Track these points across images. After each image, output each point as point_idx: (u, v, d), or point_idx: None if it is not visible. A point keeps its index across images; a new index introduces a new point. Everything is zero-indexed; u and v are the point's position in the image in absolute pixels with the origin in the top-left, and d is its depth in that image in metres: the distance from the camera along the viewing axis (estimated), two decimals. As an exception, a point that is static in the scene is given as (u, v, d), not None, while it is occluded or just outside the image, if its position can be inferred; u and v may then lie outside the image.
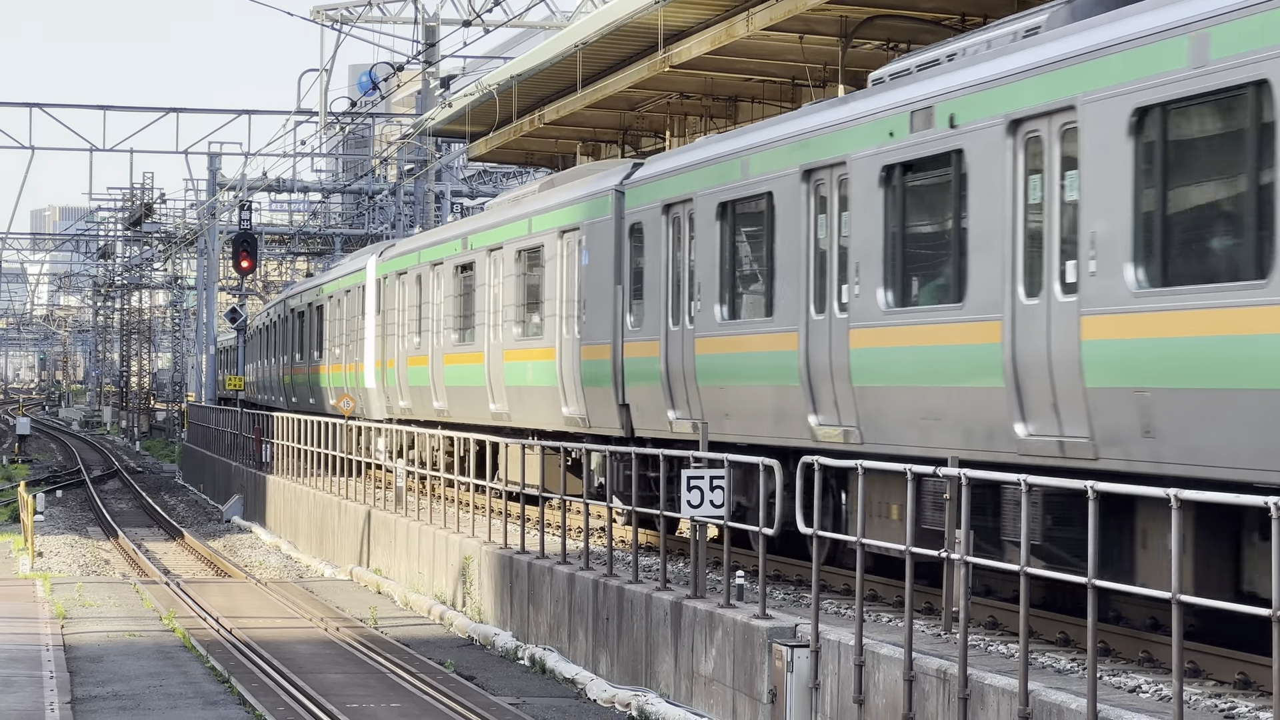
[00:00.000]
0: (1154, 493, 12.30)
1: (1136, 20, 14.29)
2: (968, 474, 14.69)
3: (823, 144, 19.16)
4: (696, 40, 28.32)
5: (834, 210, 19.12)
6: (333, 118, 53.74)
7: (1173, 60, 13.64)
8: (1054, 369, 15.26)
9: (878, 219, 18.08)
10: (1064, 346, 15.13)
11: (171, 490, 67.71)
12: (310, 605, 30.35)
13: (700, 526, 19.67)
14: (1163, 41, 13.76)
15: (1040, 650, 15.27)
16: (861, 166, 18.34)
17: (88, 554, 42.68)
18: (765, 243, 20.52)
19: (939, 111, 16.88)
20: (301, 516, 41.86)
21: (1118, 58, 14.34)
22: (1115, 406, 14.44)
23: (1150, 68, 13.94)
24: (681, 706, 19.01)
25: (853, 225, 18.57)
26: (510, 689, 21.66)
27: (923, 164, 17.35)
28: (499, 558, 25.93)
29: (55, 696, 19.60)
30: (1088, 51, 14.77)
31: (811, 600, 16.99)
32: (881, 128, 17.91)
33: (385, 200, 75.89)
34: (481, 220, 32.03)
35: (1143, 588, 12.88)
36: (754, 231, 20.90)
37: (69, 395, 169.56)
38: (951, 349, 16.78)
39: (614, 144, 38.27)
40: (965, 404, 16.60)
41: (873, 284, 18.08)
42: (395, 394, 37.85)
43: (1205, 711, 12.73)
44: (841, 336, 18.74)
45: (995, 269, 16.13)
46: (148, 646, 24.93)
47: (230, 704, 20.21)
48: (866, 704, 15.73)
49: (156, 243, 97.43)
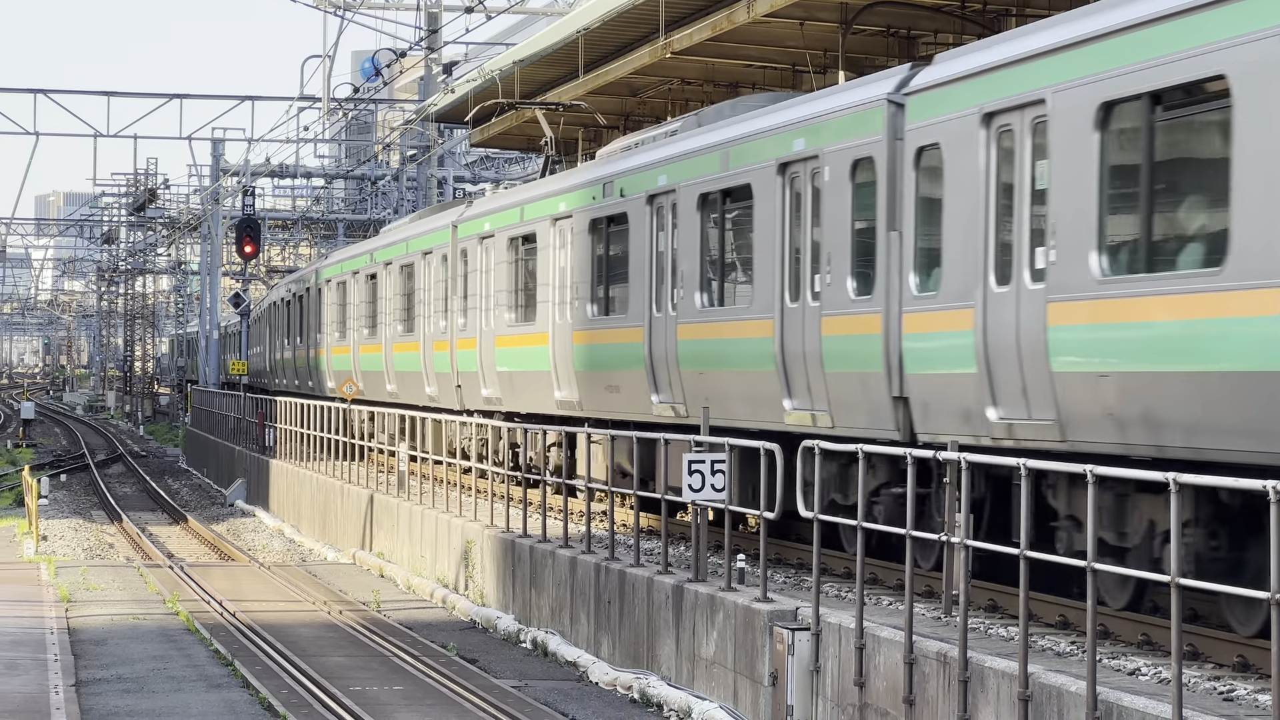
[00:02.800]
0: (1154, 476, 12.37)
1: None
2: (967, 458, 14.77)
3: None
4: (697, 26, 28.34)
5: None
6: (335, 103, 53.78)
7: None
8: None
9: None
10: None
11: (175, 474, 67.81)
12: (313, 589, 30.44)
13: (701, 510, 19.75)
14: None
15: (1040, 633, 15.33)
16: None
17: (92, 538, 42.78)
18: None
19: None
20: (304, 500, 41.95)
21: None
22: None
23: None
24: (683, 689, 19.09)
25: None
26: (512, 672, 21.74)
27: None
28: (501, 541, 26.01)
29: (60, 679, 19.68)
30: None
31: (812, 584, 17.07)
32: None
33: (388, 186, 75.92)
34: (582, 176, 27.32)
35: (1139, 571, 12.95)
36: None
37: (73, 380, 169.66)
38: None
39: (616, 130, 38.29)
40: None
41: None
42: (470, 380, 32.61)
43: (1204, 694, 12.79)
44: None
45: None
46: (151, 630, 25.01)
47: (234, 686, 20.29)
48: (867, 686, 15.81)
49: (160, 228, 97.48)
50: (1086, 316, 14.90)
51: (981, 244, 16.50)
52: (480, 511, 28.45)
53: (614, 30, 31.31)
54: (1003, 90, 16.09)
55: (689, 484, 18.95)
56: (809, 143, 19.63)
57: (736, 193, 21.49)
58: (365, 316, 41.39)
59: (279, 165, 67.80)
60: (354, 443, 37.92)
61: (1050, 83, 15.37)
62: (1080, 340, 15.01)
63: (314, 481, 40.71)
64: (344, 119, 68.82)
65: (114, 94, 53.04)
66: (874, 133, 18.35)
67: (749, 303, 21.08)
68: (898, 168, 18.07)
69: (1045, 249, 15.53)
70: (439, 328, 34.26)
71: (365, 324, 41.33)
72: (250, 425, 53.44)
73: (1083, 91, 14.92)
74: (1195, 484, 11.94)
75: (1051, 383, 15.36)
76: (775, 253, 20.42)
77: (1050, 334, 15.37)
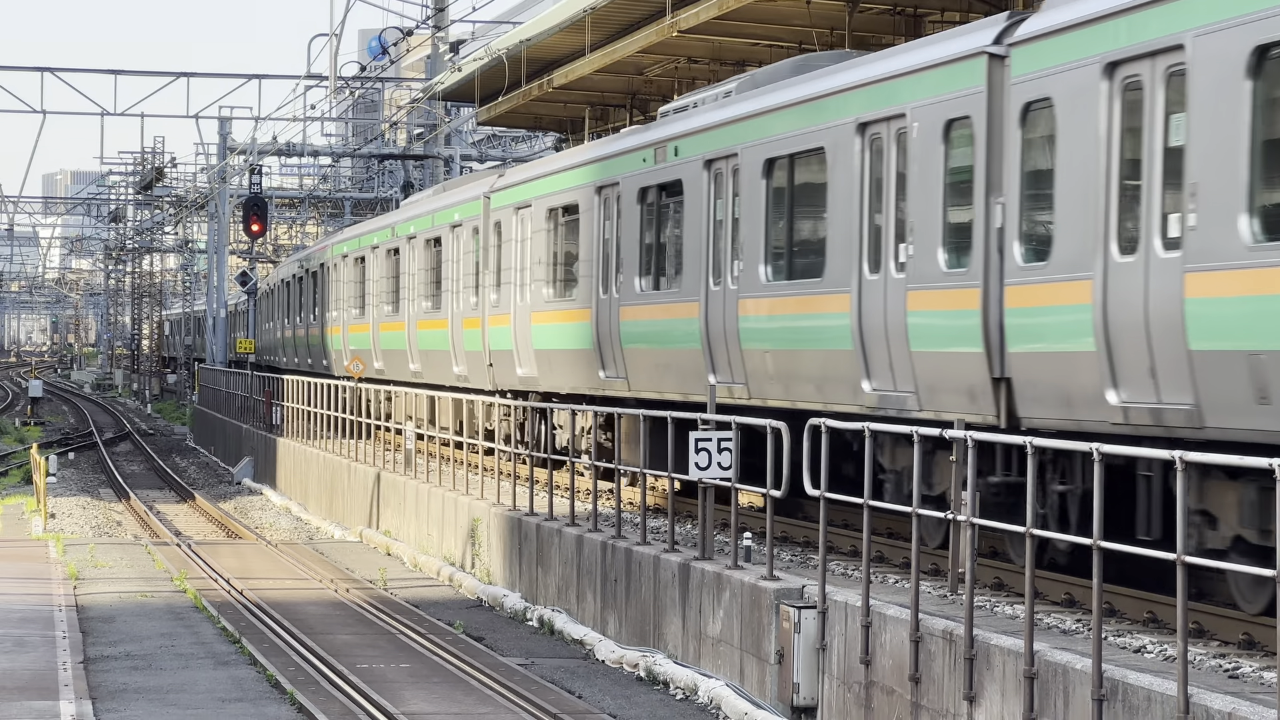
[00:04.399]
0: (1159, 454, 12.36)
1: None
2: (973, 436, 14.74)
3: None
4: (704, 5, 28.30)
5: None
6: (342, 82, 53.74)
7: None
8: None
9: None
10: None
11: (183, 452, 67.87)
12: (320, 567, 30.48)
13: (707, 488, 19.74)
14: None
15: (1046, 611, 15.34)
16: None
17: (100, 515, 42.84)
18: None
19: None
20: (312, 479, 41.99)
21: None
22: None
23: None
24: (689, 667, 19.11)
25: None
26: (519, 650, 21.78)
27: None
28: (508, 519, 26.03)
29: (68, 656, 19.72)
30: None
31: (819, 561, 17.07)
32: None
33: (394, 164, 75.85)
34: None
35: (1148, 550, 12.94)
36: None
37: (81, 358, 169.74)
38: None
39: (622, 108, 38.27)
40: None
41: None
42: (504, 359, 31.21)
43: (1210, 671, 12.81)
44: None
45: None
46: (159, 607, 25.06)
47: (241, 664, 20.33)
48: (873, 664, 15.82)
49: (167, 206, 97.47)
50: (1233, 288, 13.46)
51: (1102, 209, 15.00)
52: (487, 490, 28.46)
53: (620, 9, 31.30)
54: (1130, 37, 14.60)
55: (695, 462, 18.94)
56: (893, 100, 18.17)
57: (807, 155, 19.98)
58: (387, 293, 39.88)
59: (286, 144, 67.78)
60: (362, 421, 37.90)
61: (1189, 26, 13.82)
62: (1225, 315, 13.57)
63: (321, 460, 40.75)
64: (351, 98, 68.77)
65: (121, 72, 53.07)
66: (972, 87, 16.87)
67: (822, 275, 19.57)
68: (999, 126, 16.54)
69: (1181, 214, 13.98)
70: (469, 304, 32.74)
71: (387, 300, 39.87)
72: (258, 404, 53.49)
73: (1232, 35, 13.31)
74: (1198, 461, 11.86)
75: (1189, 362, 13.93)
76: (853, 220, 18.92)
77: (1188, 307, 13.95)
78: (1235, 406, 13.48)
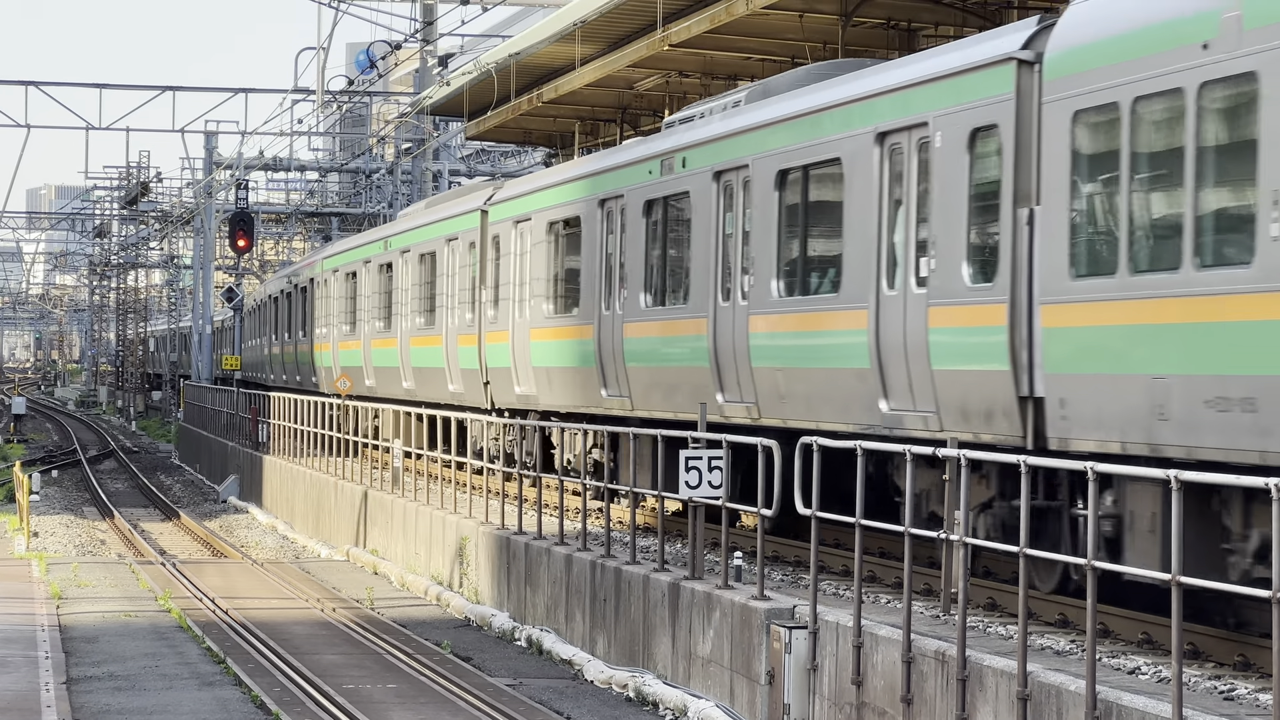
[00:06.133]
0: (1154, 474, 12.24)
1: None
2: (967, 454, 14.63)
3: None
4: (695, 19, 28.23)
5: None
6: (330, 96, 53.64)
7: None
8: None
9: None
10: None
11: (168, 470, 67.66)
12: (306, 586, 30.31)
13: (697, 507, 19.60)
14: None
15: (1039, 632, 15.22)
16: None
17: (83, 534, 42.64)
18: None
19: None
20: (298, 497, 41.82)
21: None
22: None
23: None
24: (679, 688, 18.97)
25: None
26: (507, 670, 21.63)
27: None
28: (496, 538, 25.88)
29: (50, 677, 19.56)
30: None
31: (810, 581, 16.94)
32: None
33: (383, 179, 75.78)
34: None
35: (1142, 569, 12.82)
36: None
37: (65, 375, 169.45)
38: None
39: (613, 123, 38.19)
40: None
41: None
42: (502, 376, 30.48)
43: (1204, 693, 12.69)
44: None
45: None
46: (143, 627, 24.89)
47: (226, 684, 20.17)
48: (864, 685, 15.68)
49: (153, 222, 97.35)
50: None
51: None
52: (475, 508, 28.31)
53: (611, 22, 31.22)
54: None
55: (685, 480, 18.81)
56: (914, 108, 17.55)
57: (823, 166, 19.38)
58: (379, 308, 39.11)
59: (272, 158, 67.66)
60: (349, 439, 37.73)
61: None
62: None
63: (308, 478, 40.57)
64: (338, 112, 68.68)
65: (106, 86, 52.86)
66: (1000, 95, 16.16)
67: (838, 290, 19.01)
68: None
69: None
70: (465, 320, 31.98)
71: (378, 316, 39.09)
72: (244, 421, 53.29)
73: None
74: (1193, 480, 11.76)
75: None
76: (871, 233, 18.37)
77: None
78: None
